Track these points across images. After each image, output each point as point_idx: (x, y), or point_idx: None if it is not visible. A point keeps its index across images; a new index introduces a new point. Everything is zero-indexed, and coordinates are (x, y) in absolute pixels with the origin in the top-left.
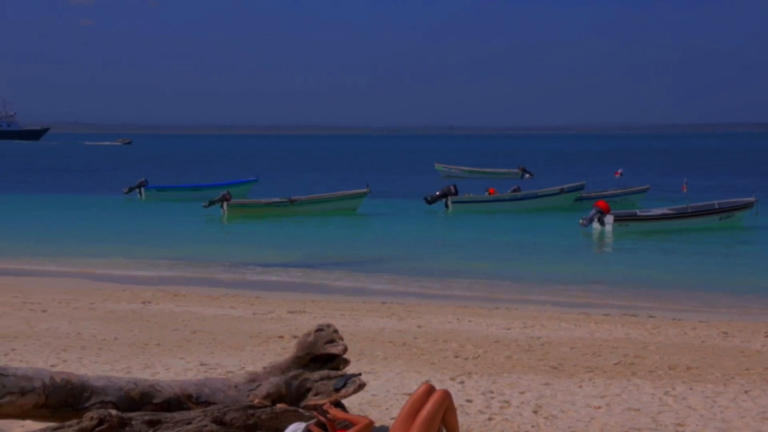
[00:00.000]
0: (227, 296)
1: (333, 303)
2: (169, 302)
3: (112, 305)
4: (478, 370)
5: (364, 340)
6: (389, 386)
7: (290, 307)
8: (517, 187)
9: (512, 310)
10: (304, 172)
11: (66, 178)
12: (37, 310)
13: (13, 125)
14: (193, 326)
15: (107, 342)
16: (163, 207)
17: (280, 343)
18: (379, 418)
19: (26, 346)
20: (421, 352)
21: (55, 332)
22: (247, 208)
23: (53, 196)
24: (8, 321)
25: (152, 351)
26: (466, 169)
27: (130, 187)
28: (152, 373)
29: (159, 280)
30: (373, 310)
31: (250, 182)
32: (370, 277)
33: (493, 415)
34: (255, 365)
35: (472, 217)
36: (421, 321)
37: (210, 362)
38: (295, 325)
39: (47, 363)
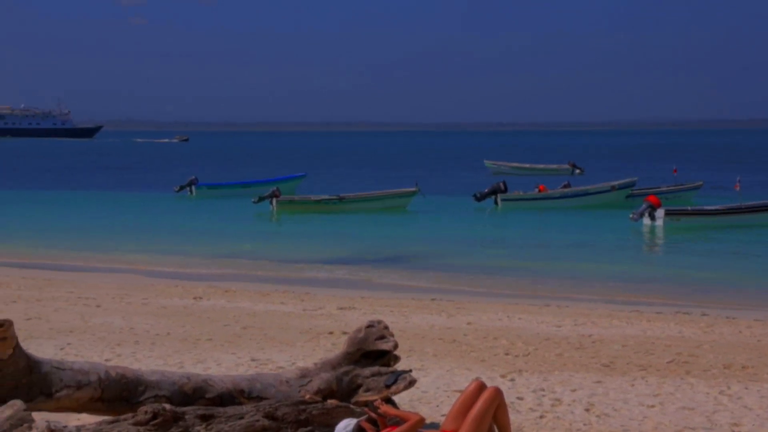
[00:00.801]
0: (277, 292)
1: (382, 300)
2: (220, 298)
3: (164, 301)
4: (529, 367)
5: (413, 336)
6: (439, 383)
7: (340, 304)
8: (567, 184)
9: (563, 307)
10: (353, 168)
11: (119, 176)
12: (92, 305)
13: (67, 123)
14: (244, 322)
15: (160, 337)
16: (213, 204)
17: (330, 339)
18: (429, 415)
19: (81, 340)
20: (471, 349)
21: (109, 327)
22: (296, 205)
23: (107, 194)
24: (64, 316)
25: (204, 346)
26: (516, 166)
27: (180, 185)
28: (204, 368)
29: (210, 276)
30: (422, 306)
31: (298, 178)
32: (419, 274)
33: (544, 412)
34: (305, 361)
35: (522, 214)
36: (470, 318)
37: (261, 357)
38: (344, 321)
39: (102, 357)
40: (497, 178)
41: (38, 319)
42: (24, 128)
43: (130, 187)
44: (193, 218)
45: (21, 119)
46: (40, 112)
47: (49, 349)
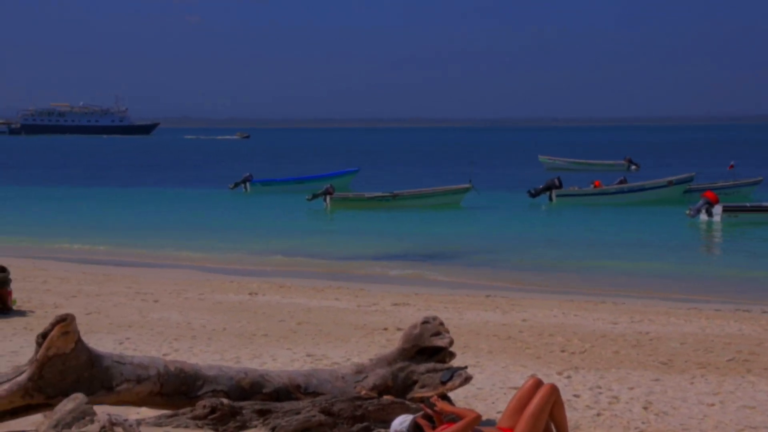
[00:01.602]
0: (332, 288)
1: (436, 296)
2: (275, 294)
3: (220, 296)
4: (585, 364)
5: (468, 333)
6: (495, 380)
7: (394, 300)
8: (624, 179)
9: (619, 304)
10: (406, 165)
11: (176, 173)
12: (150, 300)
13: (125, 120)
14: (299, 317)
15: (216, 332)
16: (267, 200)
17: (385, 335)
18: (484, 412)
19: (140, 335)
20: (526, 345)
21: (167, 322)
22: (350, 202)
23: (163, 190)
24: (122, 311)
25: (260, 341)
26: (571, 161)
27: (235, 182)
28: (260, 363)
29: (265, 271)
30: (476, 303)
31: (351, 173)
32: (473, 271)
33: (601, 410)
34: (360, 357)
35: (577, 210)
36: (525, 314)
37: (316, 353)
38: (399, 318)
39: (160, 352)
40: (552, 174)
41: (98, 314)
42: (83, 125)
43: (186, 184)
44: (247, 214)
45: (80, 116)
46: (98, 110)
47: (109, 343)
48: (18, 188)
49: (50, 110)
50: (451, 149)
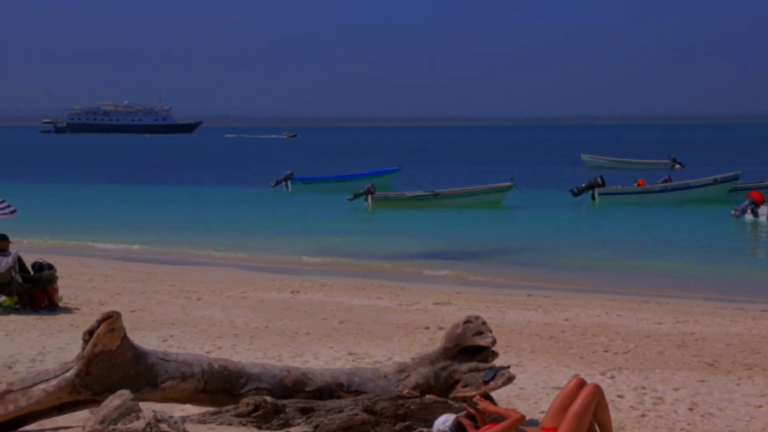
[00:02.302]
0: (373, 287)
1: (478, 295)
2: (317, 292)
3: (262, 294)
4: (629, 365)
5: (510, 332)
6: (537, 379)
7: (435, 299)
8: (668, 178)
9: (663, 304)
10: (448, 163)
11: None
12: (193, 298)
13: (168, 119)
14: (341, 316)
15: (259, 330)
16: (308, 198)
17: (427, 334)
18: (527, 412)
19: (183, 332)
20: (569, 345)
21: (210, 320)
22: (391, 201)
23: (205, 188)
24: (166, 308)
25: (302, 340)
26: (614, 160)
27: (276, 180)
28: (302, 362)
29: (307, 270)
30: (518, 302)
31: (392, 172)
32: (515, 270)
33: (646, 411)
34: (402, 356)
35: (620, 209)
36: (568, 314)
37: (358, 352)
38: (440, 317)
39: (203, 349)
40: (594, 173)
41: (142, 311)
42: (127, 124)
43: (228, 182)
44: (289, 213)
45: (124, 116)
46: (142, 109)
47: (153, 340)
48: (62, 186)
49: (95, 109)
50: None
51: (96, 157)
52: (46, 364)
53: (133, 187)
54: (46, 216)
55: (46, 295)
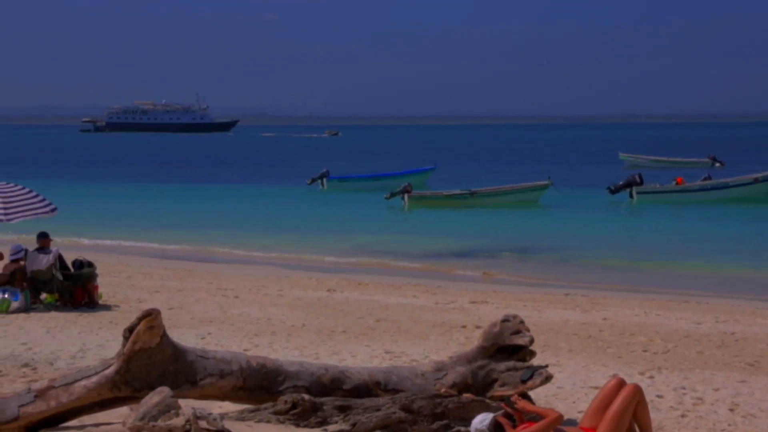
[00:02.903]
0: (409, 285)
1: (515, 294)
2: (353, 290)
3: (299, 292)
4: (669, 365)
5: (547, 331)
6: (575, 379)
7: (472, 297)
8: (708, 177)
9: (702, 303)
10: (484, 162)
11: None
12: (230, 296)
13: (206, 118)
14: (378, 314)
15: (296, 328)
16: (344, 197)
17: (463, 333)
18: (565, 412)
19: (221, 330)
20: (607, 345)
21: (247, 318)
22: (427, 200)
23: (241, 186)
24: (204, 306)
25: (339, 338)
26: (652, 159)
27: (312, 178)
28: (339, 360)
29: (343, 268)
30: (555, 301)
31: (428, 171)
32: (552, 269)
33: (686, 411)
34: (439, 354)
35: (659, 207)
36: (606, 313)
37: (395, 350)
38: (477, 315)
39: (240, 347)
40: (632, 171)
41: (180, 309)
42: (165, 123)
43: (264, 180)
44: (325, 211)
45: (162, 114)
46: (180, 107)
47: (191, 338)
48: (101, 184)
49: (134, 108)
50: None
51: (134, 156)
52: (87, 360)
53: (171, 186)
54: (86, 214)
55: (86, 292)
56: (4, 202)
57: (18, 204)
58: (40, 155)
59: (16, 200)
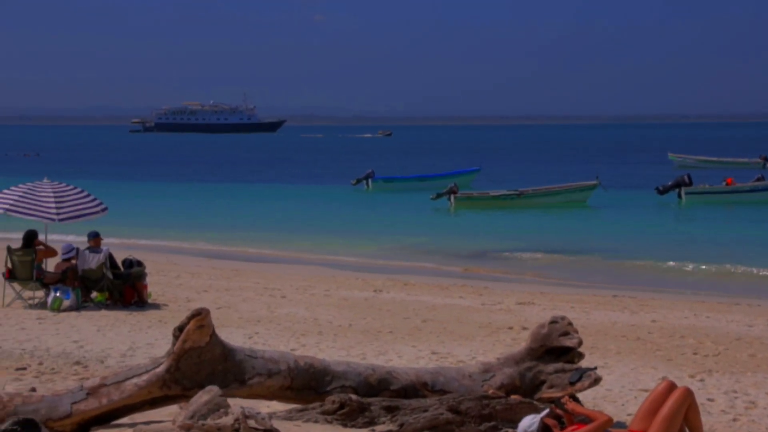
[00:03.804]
0: (456, 286)
1: (562, 295)
2: (399, 291)
3: (345, 293)
4: (719, 368)
5: (595, 333)
6: (624, 381)
7: (519, 298)
8: (761, 177)
9: (753, 306)
10: (532, 163)
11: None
12: (277, 295)
13: (253, 118)
14: (424, 315)
15: (342, 328)
16: (389, 197)
17: (510, 334)
18: (614, 414)
19: (268, 329)
20: (656, 347)
21: (294, 317)
22: (474, 201)
23: (287, 186)
24: (251, 305)
25: (385, 338)
26: (702, 159)
27: (357, 178)
28: (386, 360)
29: (389, 268)
30: (603, 303)
31: (473, 172)
32: (600, 270)
33: (737, 415)
34: (486, 355)
35: (708, 208)
36: (655, 315)
37: (441, 351)
38: (524, 317)
39: (287, 347)
40: (681, 172)
41: (228, 308)
42: (213, 124)
43: (309, 180)
44: (370, 211)
45: (210, 115)
46: (228, 108)
47: (239, 337)
48: (150, 184)
49: (183, 109)
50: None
51: (182, 156)
52: (136, 359)
53: (217, 185)
54: (135, 213)
55: (135, 291)
56: (57, 202)
57: (70, 204)
58: (92, 155)
59: (69, 200)
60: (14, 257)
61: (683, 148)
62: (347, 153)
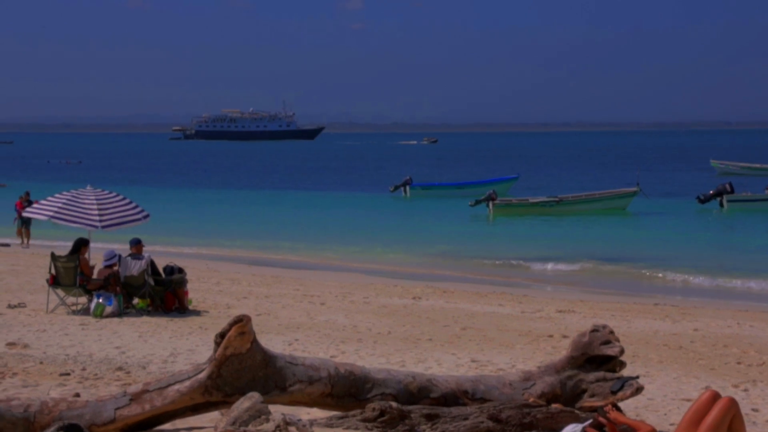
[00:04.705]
0: (495, 294)
1: (602, 303)
2: (438, 298)
3: (384, 300)
4: (764, 377)
5: (636, 342)
6: (666, 391)
7: (558, 306)
8: None
9: None
10: (571, 170)
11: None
12: (316, 302)
13: (292, 125)
14: (463, 322)
15: (382, 335)
16: (427, 204)
17: (550, 342)
18: (656, 424)
19: (308, 336)
20: (698, 356)
21: (333, 324)
22: (513, 208)
23: (326, 193)
24: (291, 312)
25: (424, 346)
26: (745, 166)
27: (395, 185)
28: (425, 368)
29: (427, 276)
30: (644, 311)
31: (511, 180)
32: (641, 278)
33: None
34: (526, 364)
35: (750, 216)
36: (697, 324)
37: (481, 359)
38: (564, 325)
39: (327, 354)
40: (723, 179)
41: (267, 315)
42: (252, 131)
43: (349, 187)
44: (409, 218)
45: (249, 122)
46: (267, 115)
47: (278, 344)
48: (190, 191)
49: (222, 116)
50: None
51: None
52: (177, 365)
53: (256, 192)
54: (176, 220)
55: (176, 297)
56: (100, 209)
57: (113, 211)
58: (134, 163)
59: (111, 208)
60: (58, 264)
61: (725, 155)
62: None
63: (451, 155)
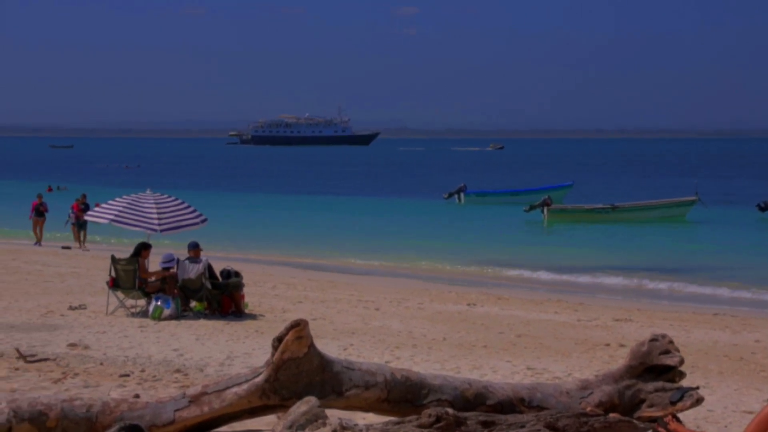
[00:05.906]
0: (550, 301)
1: (660, 312)
2: (493, 305)
3: (439, 306)
4: None
5: (696, 352)
6: (726, 402)
7: (615, 315)
8: None
9: None
10: (629, 176)
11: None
12: (371, 308)
13: (347, 130)
14: (518, 330)
15: (436, 341)
16: (482, 211)
17: (607, 351)
18: None
19: (362, 341)
20: (760, 368)
21: (388, 330)
22: (568, 214)
23: (381, 199)
24: (346, 317)
25: (479, 352)
26: None
27: (449, 192)
28: (481, 375)
29: (482, 282)
30: (704, 321)
31: (565, 187)
32: (699, 287)
33: None
34: (582, 372)
35: None
36: (758, 335)
37: (537, 367)
38: (621, 334)
39: (382, 359)
40: None
41: (323, 320)
42: (308, 136)
43: (404, 194)
44: (464, 225)
45: (305, 128)
46: (322, 121)
47: (333, 349)
48: (247, 195)
49: (278, 122)
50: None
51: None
52: (234, 368)
53: (311, 197)
54: (234, 224)
55: (233, 301)
56: (159, 213)
57: (171, 215)
58: (191, 167)
59: (170, 211)
60: (118, 266)
61: None
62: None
63: (516, 161)
